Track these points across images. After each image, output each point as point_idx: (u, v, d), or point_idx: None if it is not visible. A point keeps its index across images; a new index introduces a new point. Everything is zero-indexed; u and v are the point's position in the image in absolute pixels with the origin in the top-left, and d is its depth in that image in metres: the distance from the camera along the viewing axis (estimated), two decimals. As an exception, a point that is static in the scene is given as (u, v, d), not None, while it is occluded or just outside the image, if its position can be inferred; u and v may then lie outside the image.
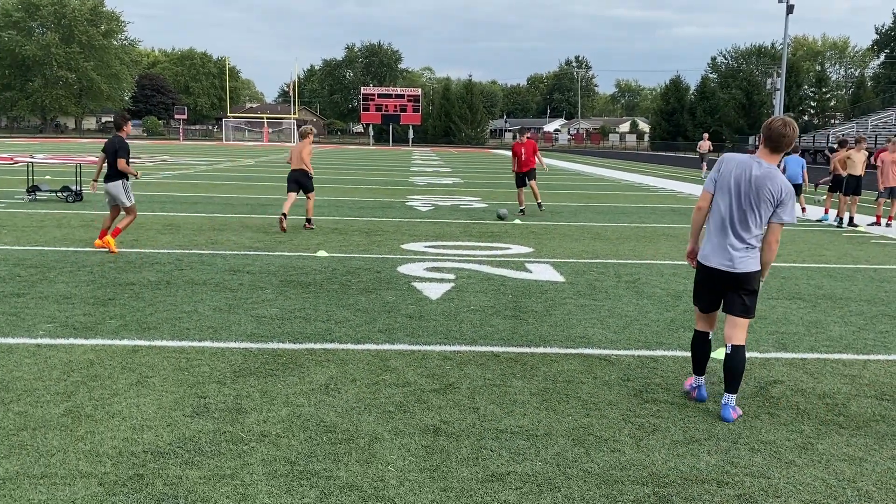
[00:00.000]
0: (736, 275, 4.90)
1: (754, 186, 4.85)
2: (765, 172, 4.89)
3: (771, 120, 4.99)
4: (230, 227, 13.65)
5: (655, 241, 13.21)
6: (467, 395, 5.25)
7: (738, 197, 4.88)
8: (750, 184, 4.86)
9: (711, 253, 5.01)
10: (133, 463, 4.05)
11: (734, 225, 4.90)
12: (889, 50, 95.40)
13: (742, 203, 4.87)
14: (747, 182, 4.87)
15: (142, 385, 5.24)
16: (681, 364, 6.11)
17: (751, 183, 4.86)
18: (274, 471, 4.01)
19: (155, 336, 6.43)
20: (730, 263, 4.91)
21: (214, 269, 9.51)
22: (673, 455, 4.35)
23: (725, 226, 4.93)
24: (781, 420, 4.96)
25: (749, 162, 4.95)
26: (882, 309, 8.28)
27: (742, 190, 4.87)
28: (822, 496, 3.91)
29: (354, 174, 31.86)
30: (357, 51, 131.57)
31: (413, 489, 3.86)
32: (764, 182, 4.84)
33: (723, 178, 4.95)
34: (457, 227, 14.69)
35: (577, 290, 8.84)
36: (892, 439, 4.67)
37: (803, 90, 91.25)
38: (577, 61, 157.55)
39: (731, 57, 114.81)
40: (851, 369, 6.10)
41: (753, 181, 4.86)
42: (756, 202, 4.84)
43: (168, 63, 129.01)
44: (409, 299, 8.09)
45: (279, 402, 5.01)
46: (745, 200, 4.87)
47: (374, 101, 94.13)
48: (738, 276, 4.89)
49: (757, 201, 4.84)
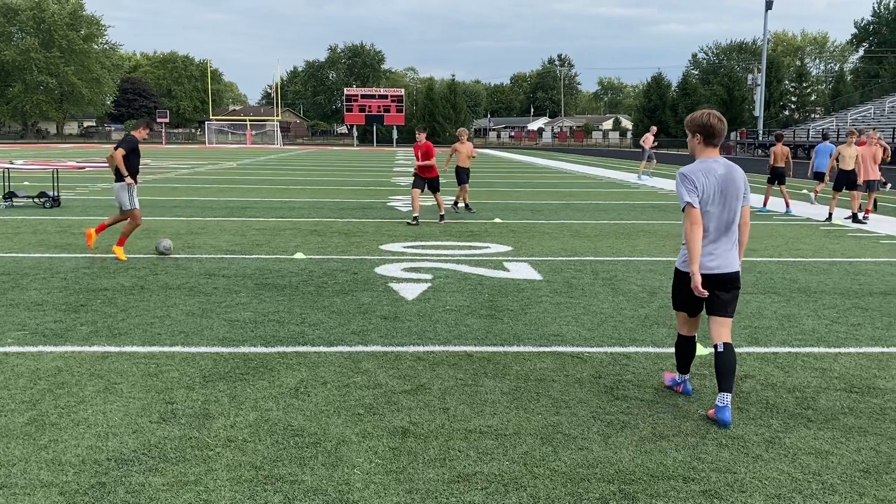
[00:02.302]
0: (730, 275, 4.96)
1: (730, 185, 4.91)
2: (728, 168, 4.96)
3: (703, 116, 5.00)
4: (208, 230, 13.58)
5: (634, 238, 13.24)
6: (438, 395, 5.24)
7: (722, 200, 4.92)
8: (727, 184, 4.91)
9: (708, 261, 4.93)
10: (96, 471, 4.01)
11: (722, 228, 4.95)
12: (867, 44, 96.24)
13: (727, 205, 4.93)
14: (724, 183, 4.90)
15: (109, 392, 5.19)
16: (653, 360, 6.12)
17: (726, 182, 4.91)
18: (238, 476, 3.98)
19: (125, 342, 6.38)
20: (725, 265, 4.95)
21: (189, 273, 9.45)
22: (640, 452, 4.35)
23: (717, 231, 4.94)
24: (750, 415, 4.98)
25: (710, 165, 4.94)
26: (855, 301, 8.33)
27: (722, 192, 4.91)
28: (787, 490, 3.92)
29: (337, 175, 31.79)
30: (340, 52, 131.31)
31: (378, 492, 3.84)
32: (733, 176, 4.93)
33: (705, 190, 4.91)
34: (436, 226, 14.67)
35: (554, 288, 8.84)
36: (859, 432, 4.70)
37: (784, 85, 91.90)
38: (560, 59, 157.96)
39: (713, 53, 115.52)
40: (822, 362, 6.13)
41: (727, 180, 4.91)
42: (735, 199, 4.94)
43: (150, 66, 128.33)
44: (385, 300, 8.07)
45: (247, 406, 4.97)
46: (728, 202, 4.93)
47: (357, 102, 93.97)
48: (733, 276, 4.97)
49: (736, 198, 4.94)
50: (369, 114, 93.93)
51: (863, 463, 4.25)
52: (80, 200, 18.92)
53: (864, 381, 5.68)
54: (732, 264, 4.97)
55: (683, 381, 5.36)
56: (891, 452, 4.39)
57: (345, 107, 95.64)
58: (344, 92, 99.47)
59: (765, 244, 12.67)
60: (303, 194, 21.79)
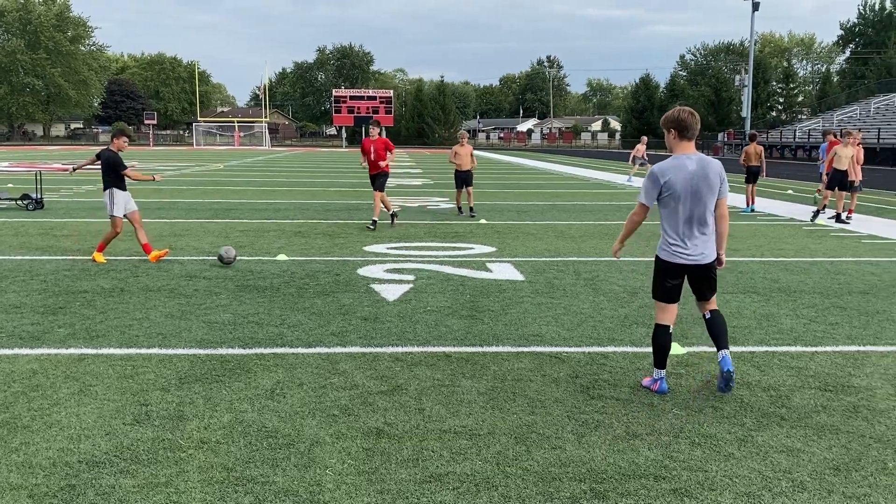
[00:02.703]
0: (707, 264, 5.30)
1: (701, 179, 5.14)
2: (701, 164, 5.18)
3: (675, 112, 5.26)
4: (191, 232, 13.53)
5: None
6: (414, 396, 5.24)
7: (693, 195, 5.15)
8: (697, 179, 5.14)
9: (681, 251, 5.25)
10: (66, 473, 3.99)
11: (696, 221, 5.20)
12: (853, 45, 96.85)
13: (698, 199, 5.16)
14: (695, 179, 5.13)
15: (84, 394, 5.17)
16: (630, 360, 6.14)
17: (697, 177, 5.14)
18: (210, 478, 3.97)
19: (103, 344, 6.35)
20: (702, 256, 5.25)
21: (171, 275, 9.41)
22: (613, 451, 4.37)
23: (691, 224, 5.21)
24: (724, 413, 5.00)
25: (682, 162, 5.17)
26: (834, 301, 8.38)
27: (693, 187, 5.14)
28: (757, 488, 3.94)
29: (324, 177, 31.75)
30: (328, 53, 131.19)
31: (349, 492, 3.84)
32: (706, 172, 5.16)
33: (671, 186, 5.14)
34: (422, 227, 14.67)
35: (536, 288, 8.86)
36: (831, 430, 4.73)
37: (771, 86, 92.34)
38: (549, 61, 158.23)
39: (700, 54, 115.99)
40: (798, 361, 6.17)
41: (699, 176, 5.14)
42: (708, 192, 5.16)
43: (137, 68, 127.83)
44: (366, 301, 8.06)
45: (222, 408, 4.96)
46: (698, 196, 5.16)
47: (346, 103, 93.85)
48: (710, 265, 5.33)
49: (709, 191, 5.16)
50: (358, 115, 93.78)
51: (833, 461, 4.28)
52: (63, 203, 18.84)
53: (838, 379, 5.72)
54: (708, 255, 5.29)
55: (660, 378, 5.40)
56: (861, 450, 4.43)
57: (333, 108, 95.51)
58: (332, 93, 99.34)
59: (748, 244, 12.73)
60: (289, 196, 21.76)
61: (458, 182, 16.88)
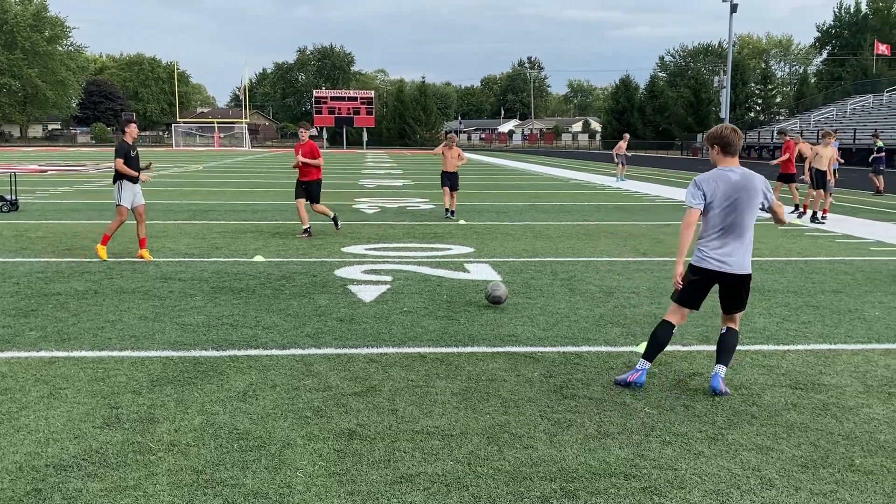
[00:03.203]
0: (743, 276, 5.30)
1: (744, 192, 5.24)
2: (744, 176, 5.27)
3: (719, 129, 5.40)
4: (168, 233, 13.44)
5: (595, 239, 13.34)
6: (388, 396, 5.23)
7: (731, 205, 5.23)
8: (738, 190, 5.24)
9: (713, 257, 5.29)
10: (33, 478, 3.95)
11: (733, 231, 5.26)
12: (830, 47, 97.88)
13: (737, 209, 5.23)
14: (736, 190, 5.23)
15: (53, 397, 5.12)
16: (604, 359, 6.16)
17: (738, 188, 5.24)
18: (179, 481, 3.94)
19: (74, 347, 6.29)
20: (735, 264, 5.27)
21: (146, 276, 9.35)
22: (584, 450, 4.38)
23: (727, 234, 5.27)
24: (696, 412, 5.03)
25: (724, 173, 5.29)
26: (807, 300, 8.46)
27: (732, 198, 5.23)
28: (726, 485, 3.97)
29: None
30: (309, 54, 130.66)
31: (319, 494, 3.82)
32: (748, 185, 5.25)
33: (712, 196, 5.26)
34: (400, 228, 14.66)
35: (512, 288, 8.87)
36: (800, 428, 4.77)
37: (749, 87, 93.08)
38: (530, 62, 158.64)
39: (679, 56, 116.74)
40: (770, 360, 6.22)
41: (740, 186, 5.24)
42: (748, 204, 5.25)
43: (116, 69, 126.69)
44: (342, 302, 8.04)
45: (193, 410, 4.93)
46: (737, 206, 5.23)
47: (326, 104, 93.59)
48: (745, 277, 5.31)
49: (748, 203, 5.25)
50: (339, 116, 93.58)
51: (801, 458, 4.32)
52: (39, 204, 18.64)
53: (809, 377, 5.77)
54: (743, 266, 5.28)
55: (643, 369, 5.46)
56: (829, 447, 4.47)
57: (314, 109, 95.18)
58: (313, 94, 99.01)
59: (724, 244, 12.82)
60: (267, 197, 21.66)
61: (445, 182, 16.77)
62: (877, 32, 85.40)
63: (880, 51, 74.78)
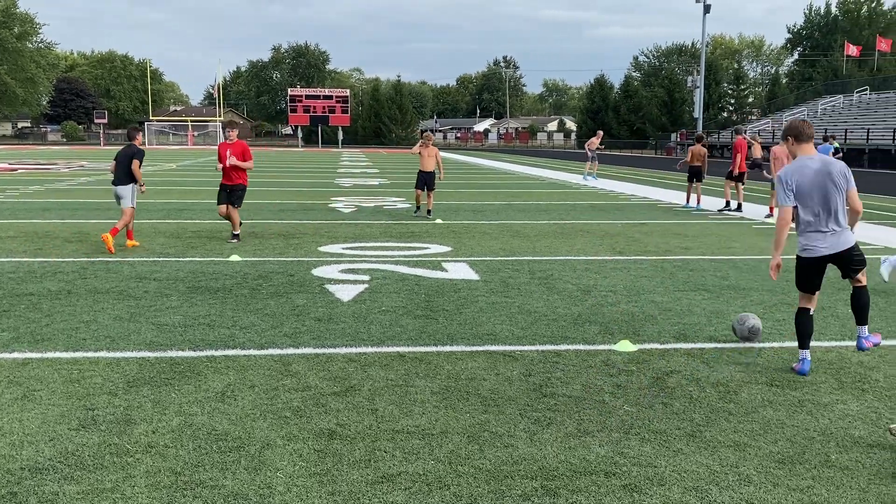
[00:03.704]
0: (844, 252, 5.73)
1: (826, 176, 5.69)
2: (824, 163, 5.74)
3: (791, 121, 6.06)
4: (142, 233, 13.28)
5: (572, 238, 13.40)
6: (367, 396, 5.22)
7: (819, 191, 5.67)
8: (822, 176, 5.69)
9: (818, 244, 5.71)
10: (7, 480, 3.89)
11: (824, 215, 5.69)
12: (801, 48, 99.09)
13: (825, 194, 5.68)
14: (819, 177, 5.69)
15: (27, 399, 5.04)
16: (583, 358, 6.19)
17: (821, 175, 5.69)
18: (157, 482, 3.90)
19: (48, 348, 6.20)
20: (837, 244, 5.71)
21: (120, 276, 9.24)
22: (564, 448, 4.40)
23: (822, 219, 5.70)
24: (674, 409, 5.07)
25: (804, 163, 5.75)
26: (781, 298, 8.56)
27: (818, 185, 5.67)
28: (705, 482, 4.01)
29: (279, 177, 31.46)
30: (284, 52, 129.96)
31: (300, 495, 3.80)
32: (829, 170, 5.71)
33: (799, 187, 5.71)
34: (377, 227, 14.62)
35: (490, 287, 8.88)
36: (777, 424, 4.83)
37: (722, 87, 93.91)
38: (506, 61, 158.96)
39: (654, 56, 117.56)
40: (746, 357, 6.28)
41: (822, 173, 5.69)
42: (833, 189, 5.68)
43: (87, 66, 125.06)
44: (320, 302, 8.01)
45: (171, 411, 4.88)
46: (824, 192, 5.67)
47: (301, 103, 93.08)
48: (847, 251, 5.74)
49: (834, 188, 5.68)
50: (314, 114, 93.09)
51: (778, 454, 4.36)
52: (9, 203, 18.36)
53: (785, 374, 5.84)
54: (845, 243, 5.72)
55: (805, 358, 5.84)
56: (805, 443, 4.53)
57: (289, 107, 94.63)
58: (288, 92, 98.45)
59: (698, 242, 12.94)
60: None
61: (420, 183, 16.63)
62: (847, 34, 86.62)
63: (850, 52, 75.83)
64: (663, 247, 12.40)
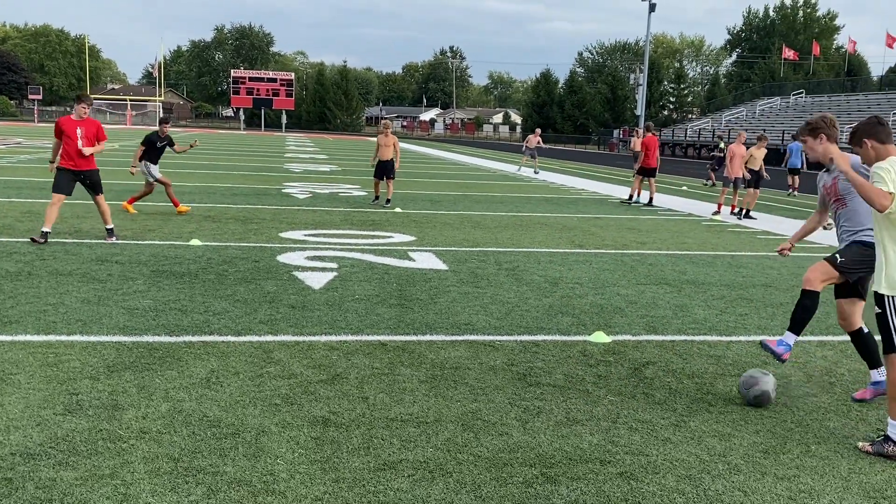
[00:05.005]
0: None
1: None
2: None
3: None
4: (94, 214, 12.91)
5: (532, 230, 13.55)
6: (356, 384, 5.22)
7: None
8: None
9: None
10: (0, 466, 3.78)
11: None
12: (740, 50, 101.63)
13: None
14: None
15: (5, 383, 4.90)
16: (560, 348, 6.30)
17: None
18: (157, 468, 3.85)
19: (17, 330, 6.03)
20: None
21: (80, 258, 9.00)
22: (557, 436, 4.49)
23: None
24: (656, 399, 5.21)
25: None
26: (740, 293, 8.84)
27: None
28: (697, 471, 4.14)
29: (226, 160, 30.92)
30: (227, 32, 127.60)
31: (304, 482, 3.80)
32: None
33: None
34: (337, 215, 14.54)
35: (460, 277, 8.94)
36: (756, 416, 5.01)
37: (664, 86, 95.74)
38: (452, 51, 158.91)
39: (597, 52, 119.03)
40: (716, 350, 6.49)
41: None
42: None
43: (20, 39, 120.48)
44: (291, 289, 7.95)
45: (158, 397, 4.80)
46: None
47: (244, 85, 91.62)
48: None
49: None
50: (257, 97, 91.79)
51: (762, 444, 4.53)
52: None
53: (755, 367, 6.04)
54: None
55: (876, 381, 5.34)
56: (785, 434, 4.71)
57: (231, 89, 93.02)
58: (231, 74, 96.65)
59: (653, 237, 13.23)
60: (191, 178, 21.10)
61: (378, 172, 16.57)
62: (783, 37, 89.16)
63: (787, 55, 78.07)
64: (620, 241, 12.64)
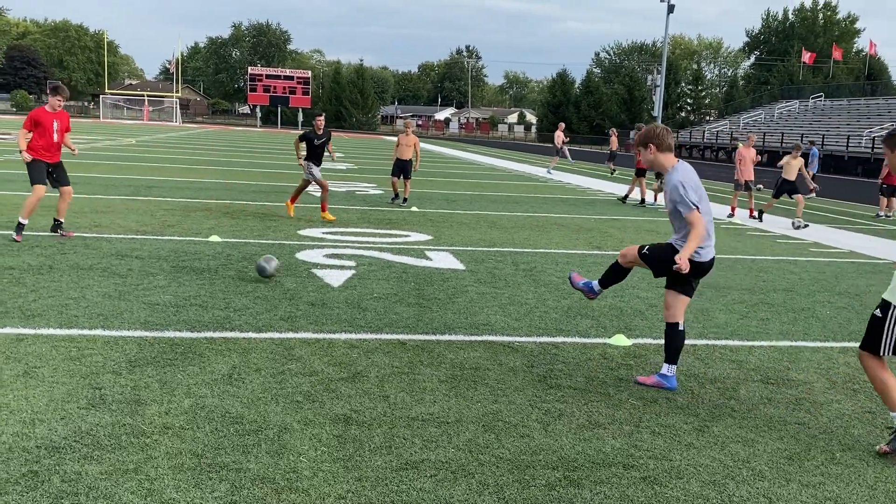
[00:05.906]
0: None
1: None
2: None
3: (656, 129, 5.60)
4: (114, 209, 13.02)
5: (548, 231, 13.51)
6: (376, 383, 5.22)
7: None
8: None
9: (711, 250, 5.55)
10: (25, 459, 3.80)
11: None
12: (758, 52, 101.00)
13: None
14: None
15: (30, 376, 4.93)
16: (580, 350, 6.27)
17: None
18: (180, 464, 3.85)
19: (40, 324, 6.06)
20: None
21: (100, 253, 9.05)
22: (580, 439, 4.47)
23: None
24: (678, 404, 5.18)
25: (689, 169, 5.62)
26: (761, 297, 8.77)
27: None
28: (721, 476, 4.11)
29: (244, 157, 31.04)
30: (244, 29, 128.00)
31: (327, 479, 3.80)
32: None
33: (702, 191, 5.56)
34: (354, 213, 14.56)
35: (478, 277, 8.93)
36: (779, 422, 4.96)
37: (681, 87, 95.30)
38: (468, 51, 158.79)
39: (614, 53, 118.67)
40: (738, 355, 6.44)
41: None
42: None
43: (40, 35, 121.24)
44: (310, 287, 7.96)
45: (180, 392, 4.82)
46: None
47: (261, 82, 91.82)
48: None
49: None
50: (274, 94, 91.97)
51: (786, 451, 4.49)
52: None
53: (778, 373, 6.00)
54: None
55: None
56: (809, 441, 4.67)
57: (248, 86, 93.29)
58: (248, 71, 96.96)
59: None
60: (210, 175, 21.18)
61: (396, 170, 16.47)
62: (803, 40, 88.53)
63: (806, 59, 77.53)
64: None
